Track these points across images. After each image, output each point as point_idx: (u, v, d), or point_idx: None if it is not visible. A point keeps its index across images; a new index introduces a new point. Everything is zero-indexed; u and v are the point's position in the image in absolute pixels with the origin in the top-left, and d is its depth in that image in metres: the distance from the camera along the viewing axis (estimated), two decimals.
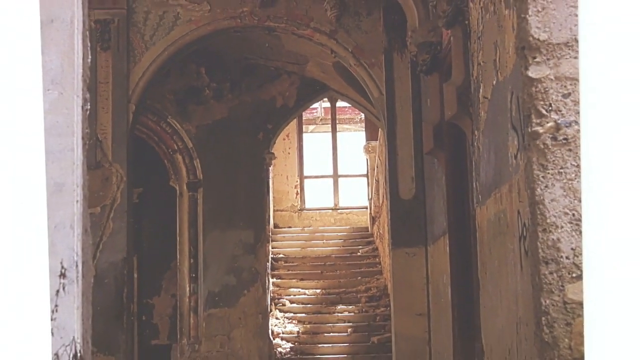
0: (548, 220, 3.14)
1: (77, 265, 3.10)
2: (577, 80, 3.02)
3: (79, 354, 3.10)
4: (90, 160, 3.18)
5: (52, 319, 3.05)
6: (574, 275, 3.11)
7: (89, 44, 3.05)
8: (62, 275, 3.06)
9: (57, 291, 3.06)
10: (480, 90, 3.12)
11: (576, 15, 2.99)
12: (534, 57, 3.09)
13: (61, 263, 3.06)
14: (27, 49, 3.01)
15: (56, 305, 3.06)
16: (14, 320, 3.08)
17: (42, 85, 3.01)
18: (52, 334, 3.05)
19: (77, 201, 3.07)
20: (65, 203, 3.07)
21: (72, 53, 2.99)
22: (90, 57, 3.04)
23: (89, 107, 3.06)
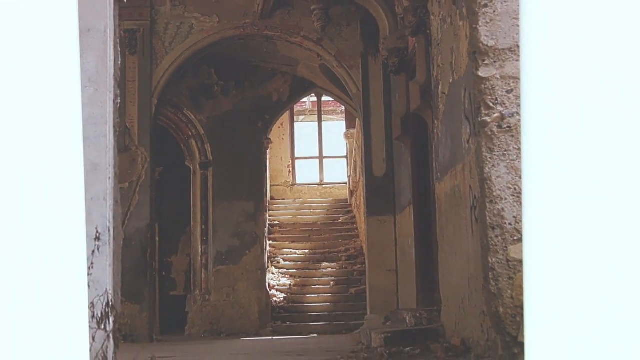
0: (494, 194, 3.16)
1: (109, 231, 3.13)
2: (519, 78, 3.03)
3: (110, 303, 3.13)
4: (120, 145, 3.20)
5: (88, 274, 3.08)
6: (515, 238, 3.13)
7: (119, 49, 3.08)
8: (97, 238, 3.09)
9: (93, 251, 3.09)
10: (440, 87, 3.15)
11: (518, 26, 3.00)
12: (483, 60, 3.11)
13: (96, 229, 3.09)
14: (69, 53, 3.04)
15: (92, 263, 3.08)
16: (58, 276, 3.11)
17: (81, 83, 3.05)
18: (89, 286, 3.08)
19: (109, 178, 3.09)
20: (100, 180, 3.10)
21: (105, 57, 3.02)
22: (120, 60, 3.06)
23: (119, 101, 3.09)
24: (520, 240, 3.13)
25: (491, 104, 3.10)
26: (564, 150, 3.14)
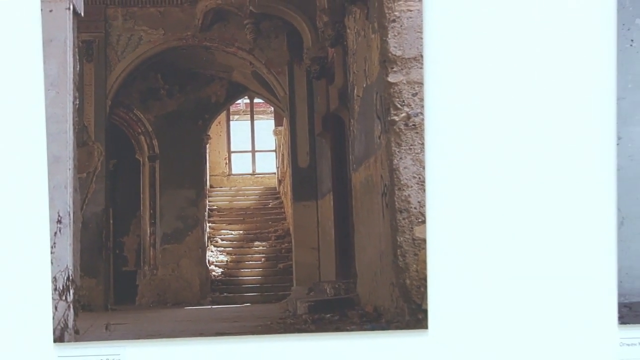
0: (402, 182, 3.18)
1: (69, 215, 3.13)
2: (422, 83, 3.06)
3: (70, 277, 3.13)
4: (79, 140, 3.19)
5: (51, 253, 3.06)
6: (419, 220, 3.15)
7: (77, 58, 3.06)
8: (59, 221, 3.08)
9: (55, 233, 3.07)
10: (355, 91, 3.15)
11: (421, 39, 3.03)
12: (392, 68, 3.12)
13: (58, 213, 3.07)
14: (33, 61, 3.03)
15: (54, 243, 3.07)
16: (25, 254, 3.11)
17: (44, 87, 3.04)
18: (52, 263, 3.06)
19: (69, 169, 3.09)
20: (61, 170, 3.08)
21: (65, 64, 3.00)
22: (78, 67, 3.05)
23: (77, 102, 3.07)
24: (423, 222, 3.17)
25: (399, 105, 3.12)
26: (461, 145, 3.18)
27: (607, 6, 3.13)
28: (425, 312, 3.20)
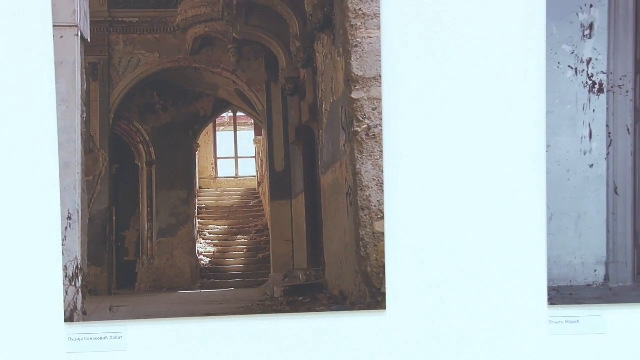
0: (363, 184, 3.17)
1: (78, 212, 3.11)
2: (381, 99, 3.06)
3: (79, 266, 3.11)
4: (86, 148, 3.18)
5: (63, 245, 3.05)
6: (379, 216, 3.15)
7: (84, 77, 3.05)
8: (69, 218, 3.06)
9: (66, 228, 3.06)
10: (323, 106, 3.14)
11: (380, 61, 3.03)
12: (355, 86, 3.11)
13: (68, 211, 3.06)
14: (47, 80, 3.02)
15: (65, 237, 3.05)
16: (41, 246, 3.09)
17: (56, 102, 3.02)
18: (63, 254, 3.05)
19: (78, 173, 3.08)
20: (71, 174, 3.07)
21: (74, 82, 2.99)
22: (85, 85, 3.03)
23: (85, 115, 3.06)
24: (382, 218, 3.16)
25: (361, 118, 3.11)
26: (414, 152, 3.18)
27: (538, 34, 3.14)
28: (383, 295, 3.20)
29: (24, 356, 3.13)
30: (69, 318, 3.13)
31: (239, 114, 3.53)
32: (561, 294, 3.21)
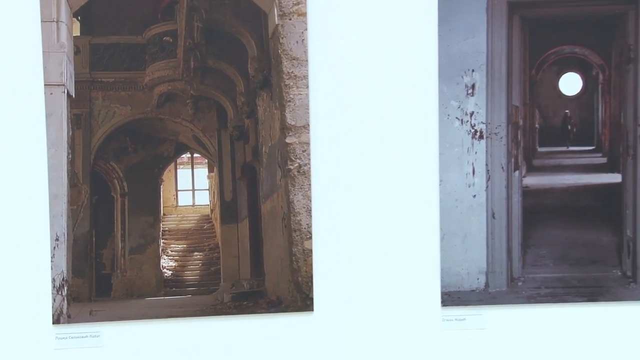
0: (295, 210, 3.17)
1: (64, 235, 3.09)
2: (309, 144, 3.06)
3: (64, 278, 3.09)
4: (71, 183, 3.16)
5: (51, 261, 3.02)
6: (308, 237, 3.14)
7: (70, 126, 3.03)
8: (57, 239, 3.04)
9: (54, 247, 3.03)
10: (263, 148, 3.15)
11: (308, 113, 3.04)
12: (288, 133, 3.12)
13: (56, 233, 3.03)
14: (39, 128, 3.00)
15: (53, 254, 3.03)
16: (32, 262, 3.06)
17: (47, 146, 3.01)
18: (51, 268, 3.02)
19: (64, 203, 3.05)
20: (58, 204, 3.05)
21: (62, 130, 2.97)
22: (70, 132, 3.02)
23: (70, 156, 3.05)
24: (310, 237, 3.18)
25: (293, 158, 3.12)
26: (336, 185, 3.19)
27: (431, 93, 3.16)
28: (311, 299, 3.21)
29: (18, 353, 3.09)
30: (56, 321, 3.09)
31: (195, 155, 3.52)
32: (451, 297, 3.23)
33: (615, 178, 3.24)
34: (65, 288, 3.11)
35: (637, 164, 3.21)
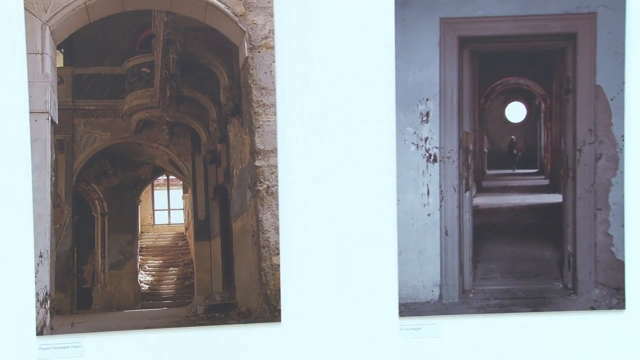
0: (264, 228, 3.17)
1: (47, 252, 3.06)
2: (277, 166, 3.07)
3: (48, 292, 3.06)
4: (55, 203, 3.14)
5: (35, 276, 3.00)
6: (275, 252, 3.14)
7: (53, 150, 3.02)
8: (41, 256, 3.01)
9: (38, 264, 3.01)
10: (234, 171, 3.15)
11: (276, 139, 3.05)
12: (258, 156, 3.13)
13: (40, 251, 3.01)
14: (24, 153, 2.98)
15: (37, 270, 3.01)
16: (17, 277, 3.02)
17: (32, 169, 2.99)
18: (35, 283, 3.00)
19: (47, 222, 3.03)
20: (42, 223, 3.03)
21: (46, 154, 2.96)
22: (54, 156, 3.01)
23: (53, 179, 3.03)
24: (278, 253, 3.18)
25: (262, 180, 3.13)
26: (302, 205, 3.20)
27: (389, 120, 3.18)
28: (279, 311, 3.21)
29: None
30: (40, 332, 3.06)
31: (171, 177, 3.52)
32: (408, 308, 3.23)
33: (556, 198, 3.28)
34: (49, 301, 3.08)
35: (577, 185, 3.24)
